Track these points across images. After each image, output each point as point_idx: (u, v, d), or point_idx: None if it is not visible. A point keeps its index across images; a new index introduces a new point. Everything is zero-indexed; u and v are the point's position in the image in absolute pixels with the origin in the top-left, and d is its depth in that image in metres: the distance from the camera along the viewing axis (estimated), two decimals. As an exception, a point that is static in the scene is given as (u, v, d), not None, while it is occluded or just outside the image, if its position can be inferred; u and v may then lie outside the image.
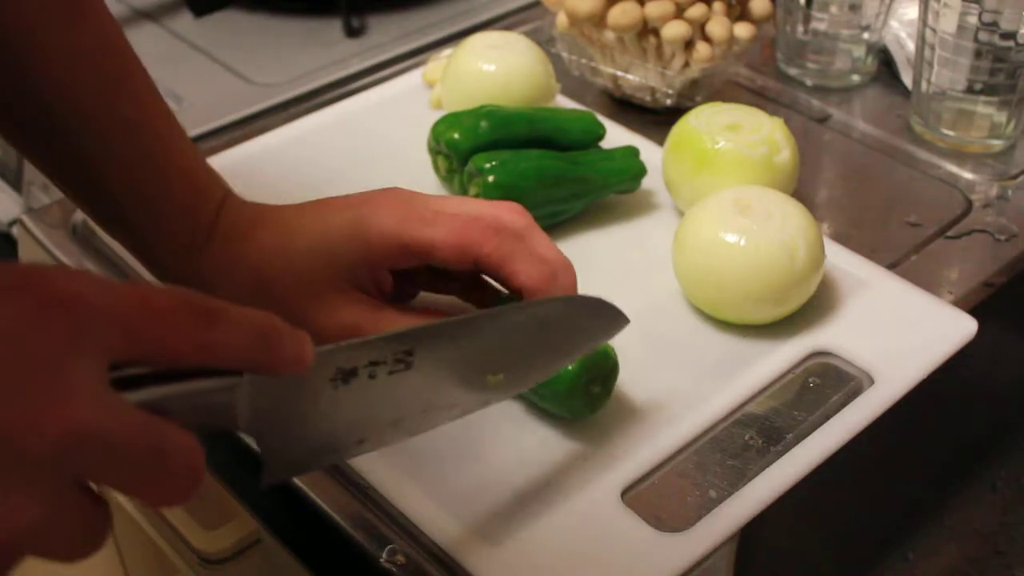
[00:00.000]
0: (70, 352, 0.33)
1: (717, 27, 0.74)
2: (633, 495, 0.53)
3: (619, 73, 0.78)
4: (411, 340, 0.44)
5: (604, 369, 0.55)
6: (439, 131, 0.69)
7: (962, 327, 0.61)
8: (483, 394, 0.47)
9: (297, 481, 0.55)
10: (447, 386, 0.46)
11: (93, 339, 0.34)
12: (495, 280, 0.53)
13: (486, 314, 0.47)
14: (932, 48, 0.73)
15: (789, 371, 0.59)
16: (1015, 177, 0.74)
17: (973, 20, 0.70)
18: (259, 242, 0.54)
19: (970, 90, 0.73)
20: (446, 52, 0.84)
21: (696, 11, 0.74)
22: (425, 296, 0.58)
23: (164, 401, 0.36)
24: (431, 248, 0.51)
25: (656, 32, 0.74)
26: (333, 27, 0.95)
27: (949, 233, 0.69)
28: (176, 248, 0.55)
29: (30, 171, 0.93)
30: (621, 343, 0.60)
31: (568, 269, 0.54)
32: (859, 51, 0.82)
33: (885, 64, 0.85)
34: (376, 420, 0.44)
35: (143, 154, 0.54)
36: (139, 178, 0.54)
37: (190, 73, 0.90)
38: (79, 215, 0.71)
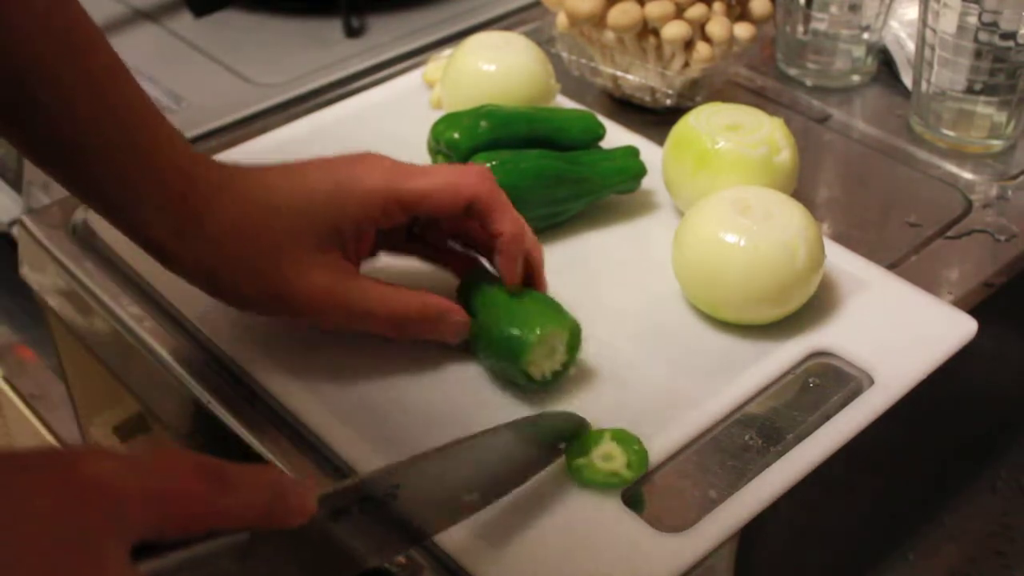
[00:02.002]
0: (105, 537, 0.35)
1: (717, 27, 0.74)
2: (633, 495, 0.53)
3: (619, 73, 0.78)
4: (400, 475, 0.47)
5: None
6: (439, 131, 0.69)
7: (962, 327, 0.61)
8: (458, 513, 0.50)
9: (297, 481, 0.55)
10: (426, 510, 0.49)
11: (124, 522, 0.35)
12: (480, 225, 0.57)
13: (464, 442, 0.50)
14: (932, 48, 0.73)
15: (789, 371, 0.59)
16: (1015, 177, 0.74)
17: (973, 20, 0.70)
18: (240, 195, 0.55)
19: (970, 90, 0.73)
20: (446, 52, 0.84)
21: (696, 11, 0.74)
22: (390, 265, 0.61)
23: (177, 568, 0.38)
24: (424, 196, 0.55)
25: (656, 32, 0.74)
26: (333, 27, 0.95)
27: (949, 233, 0.69)
28: (157, 207, 0.55)
29: (30, 171, 0.93)
30: (622, 343, 0.60)
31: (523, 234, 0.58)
32: (859, 51, 0.82)
33: (885, 64, 0.85)
34: (361, 549, 0.46)
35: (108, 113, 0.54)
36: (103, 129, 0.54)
37: (190, 73, 0.90)
38: (79, 215, 0.71)
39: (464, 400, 0.57)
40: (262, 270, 0.55)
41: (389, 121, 0.79)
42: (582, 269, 0.65)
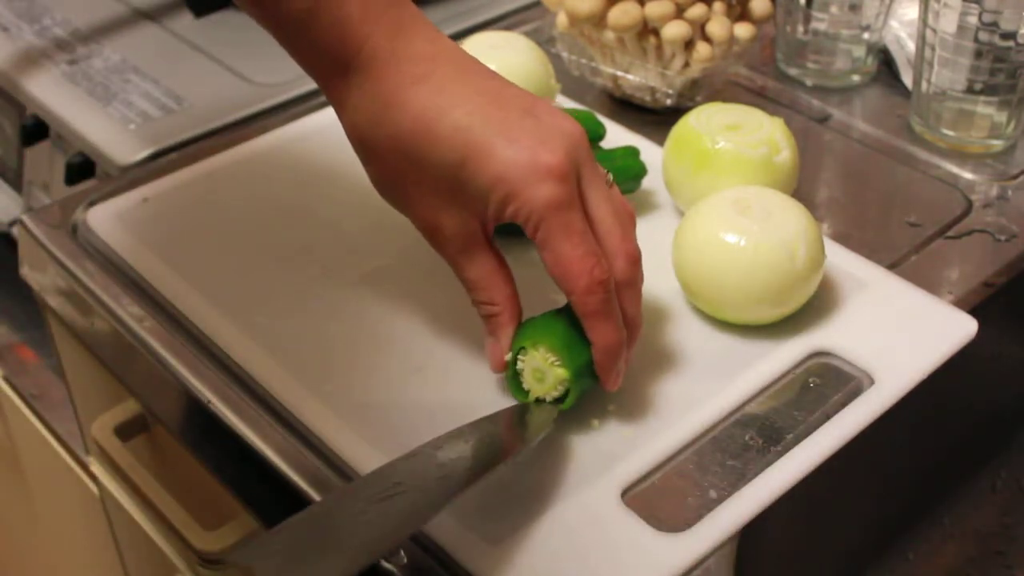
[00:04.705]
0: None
1: (717, 27, 0.74)
2: (633, 495, 0.53)
3: (619, 73, 0.78)
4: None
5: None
6: (439, 131, 0.69)
7: (962, 327, 0.61)
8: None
9: (297, 480, 0.55)
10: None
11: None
12: None
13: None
14: (932, 48, 0.73)
15: (789, 371, 0.59)
16: (1015, 177, 0.74)
17: (973, 20, 0.70)
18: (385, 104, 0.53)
19: (970, 90, 0.73)
20: (446, 52, 0.84)
21: (696, 11, 0.74)
22: None
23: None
24: (546, 251, 0.52)
25: (656, 32, 0.75)
26: (333, 27, 0.95)
27: (949, 233, 0.69)
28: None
29: (30, 171, 0.93)
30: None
31: (638, 330, 0.55)
32: (859, 51, 0.82)
33: (885, 64, 0.85)
34: None
35: None
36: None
37: (190, 73, 0.90)
38: (79, 215, 0.71)
39: (466, 400, 0.57)
40: (389, 171, 0.54)
41: (389, 121, 0.79)
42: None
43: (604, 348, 0.53)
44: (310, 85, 0.87)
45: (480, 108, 0.52)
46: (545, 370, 0.54)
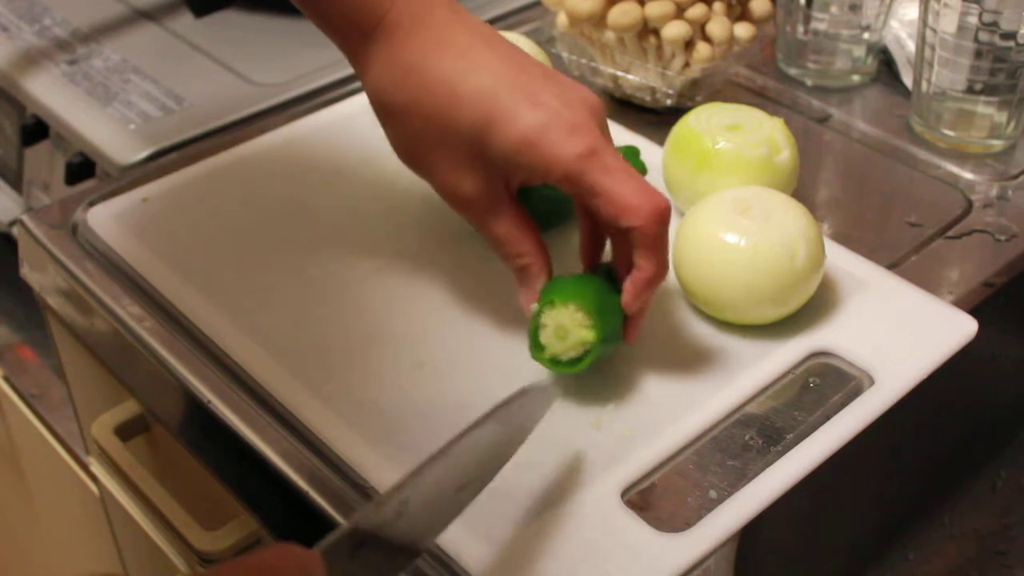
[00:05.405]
0: None
1: (717, 27, 0.74)
2: (633, 495, 0.53)
3: (619, 73, 0.78)
4: (407, 490, 0.45)
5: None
6: (439, 131, 0.69)
7: (962, 327, 0.61)
8: (454, 513, 0.49)
9: (297, 480, 0.55)
10: (429, 518, 0.48)
11: None
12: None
13: (457, 441, 0.48)
14: (932, 48, 0.73)
15: (789, 371, 0.59)
16: (1015, 177, 0.74)
17: (973, 20, 0.70)
18: (433, 64, 0.53)
19: (970, 90, 0.73)
20: (446, 52, 0.84)
21: (696, 11, 0.74)
22: None
23: None
24: (599, 196, 0.52)
25: (656, 32, 0.74)
26: (333, 27, 0.95)
27: (949, 233, 0.69)
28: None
29: (30, 171, 0.93)
30: (622, 343, 0.60)
31: (663, 278, 0.55)
32: (859, 51, 0.82)
33: (885, 64, 0.85)
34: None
35: None
36: None
37: (190, 73, 0.90)
38: (79, 215, 0.71)
39: (466, 397, 0.57)
40: (411, 137, 0.55)
41: (389, 121, 0.79)
42: (581, 269, 0.65)
43: (649, 279, 0.53)
44: (310, 85, 0.87)
45: (503, 72, 0.52)
46: (570, 329, 0.54)
